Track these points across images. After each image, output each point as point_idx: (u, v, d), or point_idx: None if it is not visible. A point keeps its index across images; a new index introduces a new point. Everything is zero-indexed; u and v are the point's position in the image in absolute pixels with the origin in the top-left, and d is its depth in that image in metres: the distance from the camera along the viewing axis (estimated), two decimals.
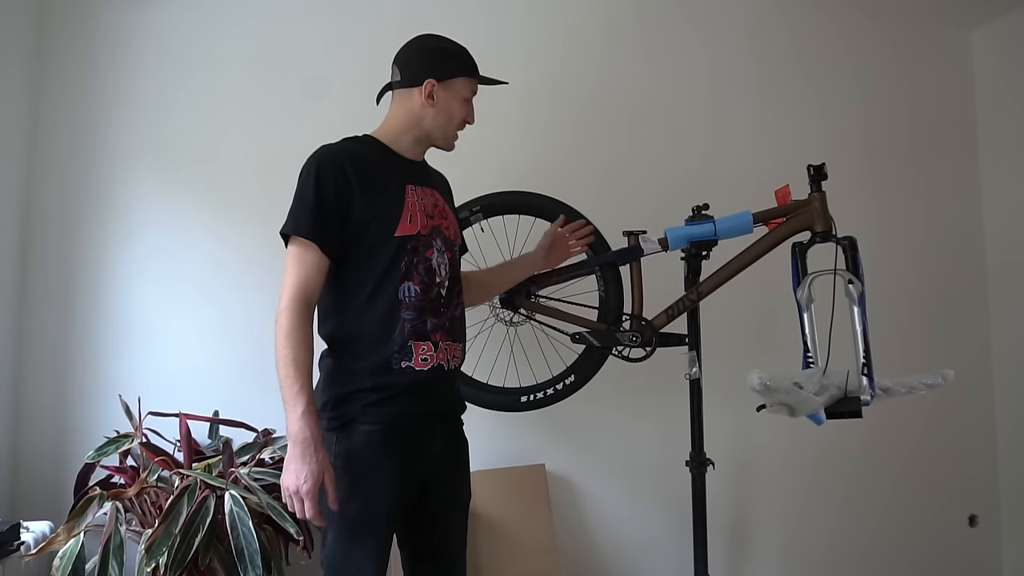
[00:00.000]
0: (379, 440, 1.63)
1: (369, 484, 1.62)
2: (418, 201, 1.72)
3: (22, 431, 2.37)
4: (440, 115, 1.76)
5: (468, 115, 1.81)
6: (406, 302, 1.65)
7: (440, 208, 1.79)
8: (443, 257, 1.73)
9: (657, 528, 2.85)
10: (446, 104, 1.76)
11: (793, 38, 3.20)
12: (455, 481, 1.80)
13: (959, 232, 3.39)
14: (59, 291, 2.43)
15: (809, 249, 2.13)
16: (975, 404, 3.33)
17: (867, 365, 1.99)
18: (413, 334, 1.65)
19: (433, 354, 1.68)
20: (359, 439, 1.63)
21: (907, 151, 3.32)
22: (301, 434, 1.52)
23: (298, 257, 1.62)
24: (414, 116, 1.76)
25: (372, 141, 1.77)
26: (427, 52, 1.78)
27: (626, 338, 2.18)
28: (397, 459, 1.65)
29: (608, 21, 2.98)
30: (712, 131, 3.05)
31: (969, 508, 3.30)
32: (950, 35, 3.45)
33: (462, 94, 1.78)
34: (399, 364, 1.64)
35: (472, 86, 1.81)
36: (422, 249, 1.69)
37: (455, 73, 1.77)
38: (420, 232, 1.69)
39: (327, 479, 1.54)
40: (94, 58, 2.50)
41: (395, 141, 1.77)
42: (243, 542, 1.90)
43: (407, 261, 1.66)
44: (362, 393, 1.64)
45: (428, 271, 1.69)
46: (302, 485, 1.51)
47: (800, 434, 2.74)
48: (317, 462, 1.53)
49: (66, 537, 1.88)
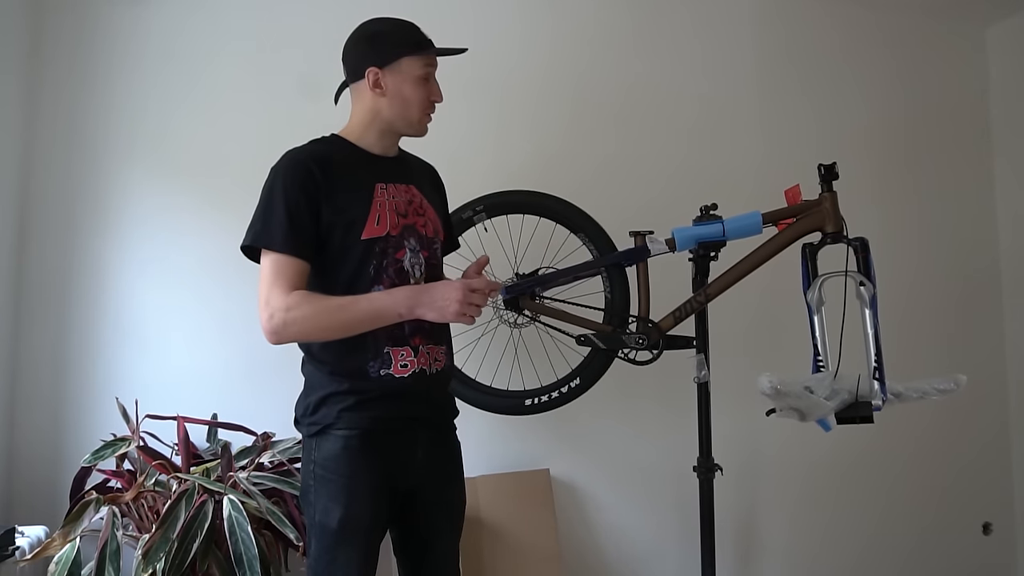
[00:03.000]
0: (356, 446, 1.59)
1: (348, 492, 1.58)
2: (388, 200, 1.66)
3: (17, 434, 2.36)
4: (395, 102, 1.68)
5: (432, 93, 1.71)
6: None
7: (416, 204, 1.72)
8: (418, 257, 1.67)
9: (664, 535, 2.82)
10: (397, 89, 1.67)
11: (802, 34, 3.17)
12: (444, 491, 1.74)
13: (973, 233, 3.35)
14: (56, 292, 2.41)
15: (820, 250, 2.12)
16: (989, 408, 3.28)
17: (879, 369, 1.98)
18: (389, 340, 1.61)
19: (413, 359, 1.63)
20: (336, 445, 1.59)
21: (920, 150, 3.29)
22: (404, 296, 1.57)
23: (277, 268, 1.57)
24: (369, 109, 1.70)
25: (339, 140, 1.72)
26: (362, 40, 1.71)
27: (632, 340, 2.16)
28: (377, 466, 1.60)
29: (615, 17, 2.95)
30: (721, 129, 3.02)
31: (983, 516, 3.26)
32: (963, 32, 3.41)
33: (412, 74, 1.68)
34: (376, 371, 1.60)
35: (422, 63, 1.69)
36: (392, 251, 1.63)
37: (396, 55, 1.67)
38: (389, 233, 1.63)
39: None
40: (91, 57, 2.48)
41: (361, 138, 1.72)
42: (242, 548, 1.89)
43: (375, 264, 1.61)
44: (338, 397, 1.60)
45: (399, 273, 1.63)
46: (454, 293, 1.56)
47: (810, 439, 2.66)
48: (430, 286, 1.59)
49: (62, 542, 1.87)
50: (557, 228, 2.30)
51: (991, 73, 3.42)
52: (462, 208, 2.21)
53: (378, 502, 1.61)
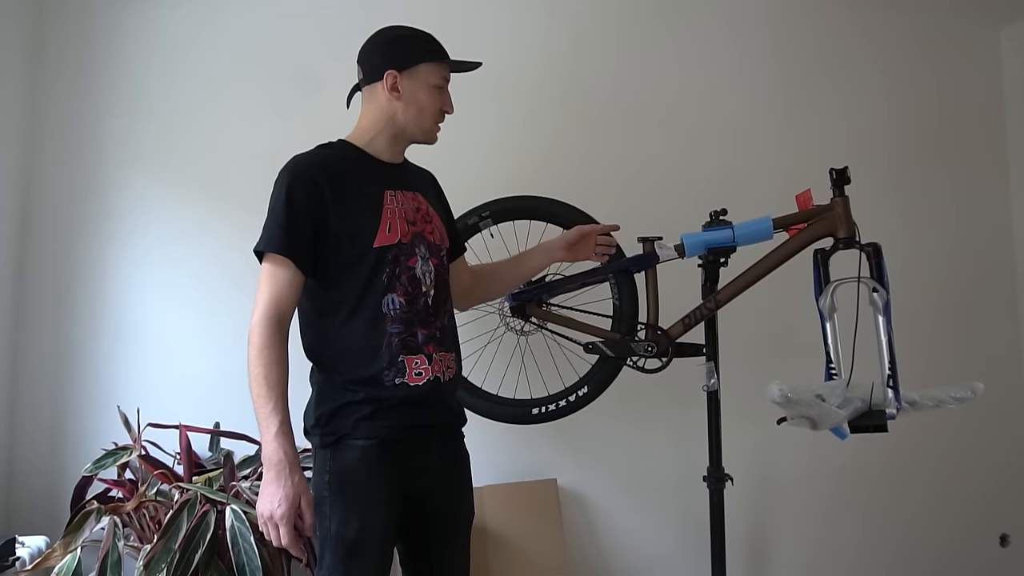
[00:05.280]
0: (374, 456, 1.58)
1: (365, 503, 1.57)
2: (398, 207, 1.66)
3: (18, 443, 2.35)
4: (410, 107, 1.70)
5: (444, 104, 1.75)
6: (391, 315, 1.61)
7: (423, 212, 1.72)
8: (428, 264, 1.67)
9: (673, 546, 2.79)
10: (413, 94, 1.69)
11: (813, 36, 3.14)
12: (454, 499, 1.74)
13: (988, 237, 3.31)
14: (56, 298, 2.41)
15: (832, 256, 2.09)
16: (1006, 416, 3.23)
17: (893, 377, 1.94)
18: (403, 348, 1.61)
19: (428, 367, 1.63)
20: (353, 455, 1.58)
21: (933, 153, 3.25)
22: (275, 455, 1.49)
23: (271, 274, 1.59)
24: (384, 112, 1.71)
25: (346, 146, 1.72)
26: (384, 43, 1.73)
27: (641, 348, 2.14)
28: (393, 475, 1.60)
29: (622, 21, 2.94)
30: (731, 134, 2.99)
31: (1000, 527, 3.21)
32: (978, 33, 3.37)
33: (429, 81, 1.71)
34: (391, 380, 1.60)
35: (439, 72, 1.73)
36: (404, 259, 1.63)
37: (416, 60, 1.70)
38: (401, 241, 1.63)
39: (304, 503, 1.51)
40: (93, 57, 2.49)
41: (370, 143, 1.72)
42: (244, 558, 1.89)
43: (389, 272, 1.61)
44: (354, 406, 1.59)
45: (412, 281, 1.64)
46: (276, 510, 1.48)
47: (822, 448, 2.69)
48: (292, 485, 1.49)
49: (63, 552, 1.88)
50: None
51: (1005, 74, 3.38)
52: (467, 214, 2.20)
53: (395, 511, 1.61)
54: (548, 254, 2.06)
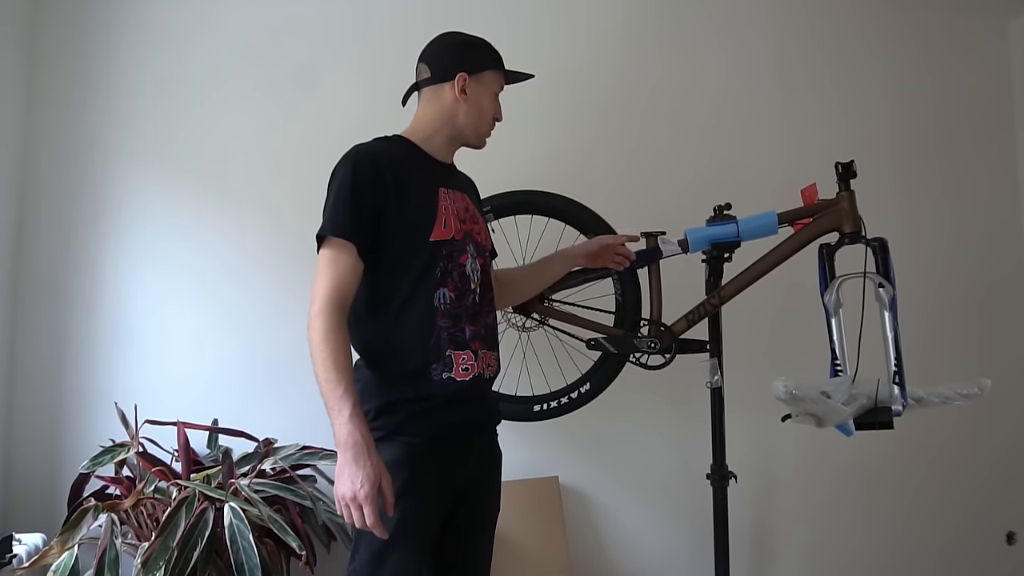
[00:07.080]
0: (421, 453, 1.59)
1: (408, 499, 1.57)
2: (451, 205, 1.70)
3: (14, 439, 2.35)
4: (472, 110, 1.75)
5: (497, 111, 1.81)
6: (442, 309, 1.63)
7: (471, 213, 1.76)
8: (476, 263, 1.70)
9: (676, 544, 2.79)
10: (477, 98, 1.75)
11: (818, 29, 3.13)
12: (486, 494, 1.77)
13: (996, 232, 3.29)
14: (53, 294, 2.41)
15: (837, 251, 2.08)
16: (1012, 412, 3.21)
17: (899, 373, 1.94)
18: (452, 343, 1.63)
19: (474, 363, 1.66)
20: (400, 452, 1.58)
21: (940, 147, 3.23)
22: (351, 437, 1.47)
23: (332, 260, 1.57)
24: (446, 113, 1.74)
25: (404, 142, 1.74)
26: (456, 46, 1.78)
27: (644, 344, 2.13)
28: (438, 473, 1.62)
29: (626, 17, 2.93)
30: (735, 128, 2.98)
31: (1006, 525, 3.20)
32: (985, 25, 3.35)
33: (492, 88, 1.78)
34: (439, 375, 1.62)
35: (500, 80, 1.81)
36: (456, 254, 1.66)
37: (485, 66, 1.77)
38: (454, 237, 1.66)
39: (384, 483, 1.49)
40: (90, 50, 2.48)
41: (427, 141, 1.75)
42: (243, 556, 1.88)
43: (442, 267, 1.64)
44: (404, 404, 1.60)
45: (462, 277, 1.66)
46: (359, 490, 1.45)
47: (826, 445, 2.68)
48: (372, 465, 1.47)
49: (60, 550, 1.87)
50: (566, 229, 2.26)
51: (1013, 67, 3.35)
52: None
53: (436, 510, 1.63)
54: (568, 262, 2.09)
